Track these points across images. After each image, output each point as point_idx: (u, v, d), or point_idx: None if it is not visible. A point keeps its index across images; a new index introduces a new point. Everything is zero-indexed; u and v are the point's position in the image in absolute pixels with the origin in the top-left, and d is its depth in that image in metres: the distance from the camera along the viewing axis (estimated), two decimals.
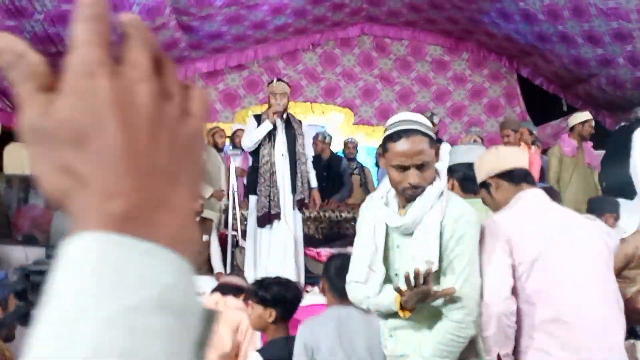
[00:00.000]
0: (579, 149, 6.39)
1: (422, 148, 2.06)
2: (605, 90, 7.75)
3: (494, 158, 2.44)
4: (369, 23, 9.24)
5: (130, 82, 0.40)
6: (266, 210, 5.06)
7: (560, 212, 2.36)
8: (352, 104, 9.24)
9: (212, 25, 7.12)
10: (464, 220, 2.07)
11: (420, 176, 2.06)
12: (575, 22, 6.87)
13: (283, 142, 5.17)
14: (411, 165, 2.05)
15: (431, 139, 2.10)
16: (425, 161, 2.07)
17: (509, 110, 9.44)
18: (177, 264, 0.38)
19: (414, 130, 2.08)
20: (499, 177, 2.39)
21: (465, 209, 2.12)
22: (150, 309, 0.35)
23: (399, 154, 2.06)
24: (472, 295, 2.05)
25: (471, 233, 2.09)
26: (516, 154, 2.45)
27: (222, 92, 8.86)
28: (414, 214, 2.07)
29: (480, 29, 8.49)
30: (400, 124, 2.12)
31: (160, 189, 0.39)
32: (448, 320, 2.03)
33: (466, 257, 2.04)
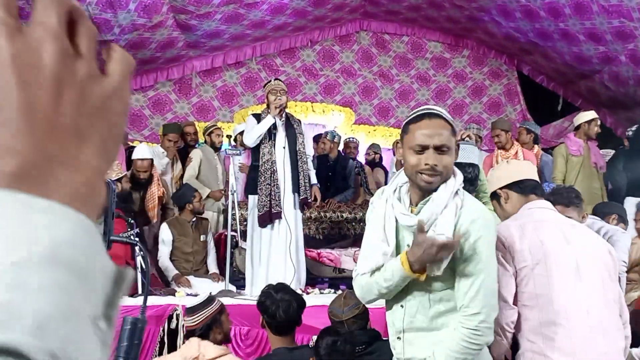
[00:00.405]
0: (584, 148, 6.35)
1: (442, 130, 1.99)
2: (607, 88, 7.71)
3: (505, 171, 2.48)
4: (368, 19, 9.18)
5: (35, 41, 0.40)
6: (267, 209, 5.02)
7: (564, 221, 2.39)
8: (351, 102, 9.19)
9: (211, 24, 7.06)
10: (481, 222, 1.99)
11: (439, 159, 1.97)
12: (576, 20, 6.82)
13: (283, 141, 5.13)
14: (431, 145, 1.96)
15: (453, 130, 2.03)
16: (445, 145, 1.98)
17: (509, 109, 9.40)
18: (75, 221, 0.37)
19: (437, 114, 2.04)
20: (508, 187, 2.43)
21: (482, 211, 2.05)
22: (40, 265, 0.34)
23: (420, 134, 1.99)
24: (488, 300, 1.97)
25: (488, 236, 2.00)
26: (526, 166, 2.50)
27: (219, 90, 8.80)
28: (427, 213, 1.98)
29: (481, 26, 8.43)
30: (423, 109, 2.09)
31: (62, 148, 0.39)
32: (463, 327, 1.95)
33: (482, 260, 1.96)
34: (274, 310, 2.87)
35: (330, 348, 2.59)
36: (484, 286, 1.95)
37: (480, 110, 9.36)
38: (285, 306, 2.88)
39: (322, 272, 5.61)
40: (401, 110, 9.34)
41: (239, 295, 4.88)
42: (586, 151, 6.36)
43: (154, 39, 6.85)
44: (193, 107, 8.69)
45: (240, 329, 4.31)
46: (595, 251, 2.29)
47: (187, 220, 5.45)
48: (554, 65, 8.28)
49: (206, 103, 8.75)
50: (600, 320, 2.18)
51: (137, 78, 8.20)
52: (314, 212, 6.01)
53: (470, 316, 1.94)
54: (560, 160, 6.39)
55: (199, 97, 8.73)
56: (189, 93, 8.68)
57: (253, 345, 4.25)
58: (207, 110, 8.73)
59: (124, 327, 1.18)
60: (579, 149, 6.34)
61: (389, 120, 9.27)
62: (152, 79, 8.30)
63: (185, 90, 8.66)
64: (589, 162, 6.35)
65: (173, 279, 5.22)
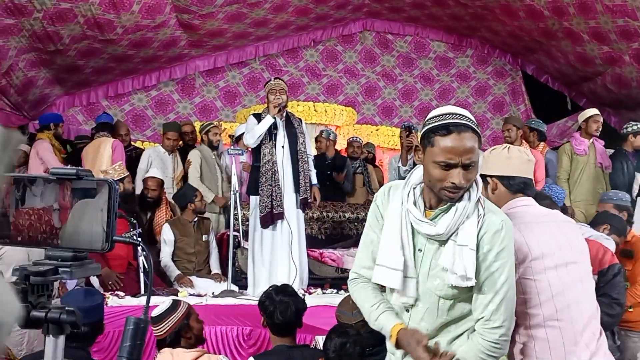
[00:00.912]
0: (590, 148, 6.32)
1: (472, 146, 1.84)
2: (611, 88, 7.68)
3: (501, 159, 2.37)
4: (371, 18, 9.17)
5: None
6: (269, 210, 5.00)
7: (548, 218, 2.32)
8: (354, 102, 9.18)
9: (213, 23, 7.06)
10: (504, 233, 1.90)
11: (465, 177, 1.85)
12: (581, 19, 6.80)
13: (284, 141, 5.11)
14: (459, 163, 1.83)
15: (479, 139, 1.89)
16: (474, 161, 1.85)
17: (514, 108, 9.38)
18: None
19: (465, 125, 1.86)
20: (499, 179, 2.34)
21: (504, 221, 1.94)
22: None
23: (447, 150, 1.83)
24: (510, 313, 1.92)
25: (510, 247, 1.92)
26: (523, 162, 2.36)
27: (222, 90, 8.80)
28: (449, 223, 1.88)
29: (485, 24, 8.42)
30: (449, 116, 1.89)
31: None
32: (483, 339, 1.89)
33: (506, 272, 1.89)
34: (272, 311, 2.86)
35: (339, 350, 2.56)
36: (507, 299, 1.90)
37: (485, 109, 9.34)
38: (282, 308, 2.87)
39: (325, 272, 5.59)
40: (404, 110, 9.33)
41: (241, 295, 4.86)
42: (592, 151, 6.33)
43: (156, 39, 6.85)
44: (196, 107, 8.69)
45: (243, 329, 4.30)
46: (578, 248, 2.28)
47: (188, 221, 5.43)
48: (557, 65, 8.26)
49: (209, 103, 8.75)
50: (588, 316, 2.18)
51: (139, 77, 8.20)
52: (316, 212, 5.99)
53: (492, 329, 1.89)
54: (565, 159, 6.36)
55: (201, 97, 8.73)
56: (191, 93, 8.68)
57: (255, 345, 4.24)
58: (210, 110, 8.72)
59: (127, 328, 1.17)
60: (584, 148, 6.31)
61: (392, 120, 9.25)
62: (155, 79, 8.31)
63: (188, 90, 8.66)
64: (594, 162, 6.32)
65: (175, 279, 5.21)
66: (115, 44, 6.55)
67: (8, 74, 6.06)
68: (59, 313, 1.10)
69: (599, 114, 6.40)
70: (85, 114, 8.07)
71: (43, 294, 1.11)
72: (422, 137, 1.94)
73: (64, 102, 7.83)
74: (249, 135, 5.11)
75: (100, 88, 8.05)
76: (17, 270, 1.11)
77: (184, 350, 2.78)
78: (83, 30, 6.00)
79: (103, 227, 1.12)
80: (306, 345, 3.55)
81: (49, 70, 6.69)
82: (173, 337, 2.87)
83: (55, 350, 1.12)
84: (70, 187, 1.14)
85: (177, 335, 2.88)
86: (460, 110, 1.94)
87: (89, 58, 6.76)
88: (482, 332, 1.90)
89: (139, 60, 7.46)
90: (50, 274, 1.11)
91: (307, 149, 5.26)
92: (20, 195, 1.16)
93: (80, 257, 1.14)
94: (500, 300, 1.89)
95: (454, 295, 1.94)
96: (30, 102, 6.99)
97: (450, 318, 1.98)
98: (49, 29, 5.75)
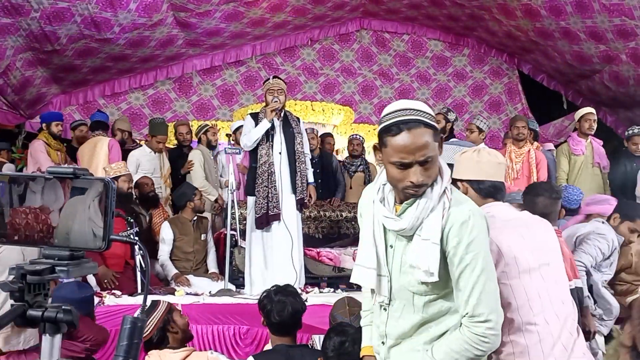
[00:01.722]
0: (588, 148, 6.35)
1: (425, 142, 1.76)
2: (608, 87, 7.69)
3: (471, 162, 2.32)
4: (368, 18, 9.17)
5: None
6: (264, 211, 4.99)
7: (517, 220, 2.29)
8: (351, 101, 9.18)
9: (210, 22, 7.05)
10: (472, 224, 1.81)
11: (424, 174, 1.79)
12: (577, 18, 6.81)
13: (281, 142, 5.09)
14: (414, 161, 1.78)
15: (435, 131, 1.80)
16: (429, 156, 1.78)
17: (510, 107, 9.39)
18: None
19: (416, 120, 1.78)
20: (469, 183, 2.31)
21: (472, 211, 1.84)
22: None
23: (399, 150, 1.77)
24: (494, 305, 1.83)
25: (481, 237, 1.83)
26: (493, 166, 2.30)
27: (219, 89, 8.79)
28: (412, 217, 1.83)
29: (482, 24, 8.42)
30: (399, 113, 1.80)
31: None
32: (469, 331, 1.82)
33: (480, 263, 1.80)
34: (269, 310, 2.86)
35: (338, 348, 2.55)
36: (487, 291, 1.82)
37: (481, 109, 9.34)
38: (279, 308, 2.86)
39: (322, 271, 5.60)
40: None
41: (238, 294, 4.86)
42: (589, 151, 6.35)
43: (153, 37, 6.84)
44: (193, 106, 8.68)
45: (240, 328, 4.30)
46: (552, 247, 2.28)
47: (188, 219, 5.43)
48: (554, 64, 8.27)
49: (206, 102, 8.74)
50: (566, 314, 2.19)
51: (137, 76, 8.19)
52: (313, 211, 6.00)
53: (478, 323, 1.81)
54: (563, 159, 6.39)
55: (198, 95, 8.72)
56: (188, 92, 8.67)
57: (252, 344, 4.24)
58: (207, 109, 8.72)
59: (124, 326, 1.17)
60: (581, 148, 6.33)
61: None
62: (152, 77, 8.29)
63: (185, 88, 8.65)
64: (592, 161, 6.34)
65: (172, 278, 5.20)
66: (112, 43, 6.54)
67: (5, 73, 6.05)
68: (55, 312, 1.10)
69: (591, 112, 6.42)
70: (82, 113, 8.05)
71: (40, 293, 1.11)
72: (378, 138, 1.90)
73: (61, 101, 7.81)
74: (245, 137, 5.09)
75: (97, 87, 8.04)
76: (14, 269, 1.10)
77: (172, 351, 2.77)
78: (80, 29, 5.99)
79: (100, 226, 1.12)
80: (305, 345, 3.55)
81: (46, 70, 6.68)
82: (159, 334, 2.87)
83: (52, 348, 1.12)
84: (68, 186, 1.14)
85: (163, 332, 2.88)
86: (411, 104, 1.85)
87: (86, 57, 6.74)
88: (469, 324, 1.82)
89: (136, 59, 7.45)
90: (46, 273, 1.11)
91: (305, 148, 5.25)
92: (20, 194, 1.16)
93: (77, 256, 1.14)
94: (480, 293, 1.80)
95: (427, 291, 1.88)
96: (27, 101, 6.98)
97: (427, 315, 1.91)
98: (46, 28, 5.74)
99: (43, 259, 1.13)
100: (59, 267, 1.11)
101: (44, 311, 1.10)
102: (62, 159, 6.20)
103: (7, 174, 1.18)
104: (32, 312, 1.09)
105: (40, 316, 1.10)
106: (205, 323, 4.33)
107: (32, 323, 1.10)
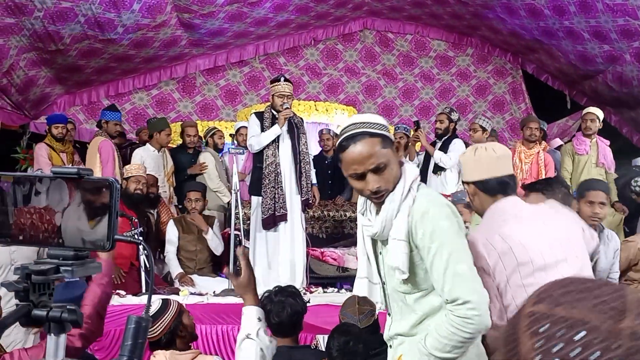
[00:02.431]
0: (593, 147, 6.34)
1: (372, 151, 1.88)
2: (611, 87, 7.67)
3: (471, 163, 2.30)
4: (372, 17, 9.17)
5: None
6: (271, 212, 5.00)
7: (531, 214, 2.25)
8: (355, 101, 9.18)
9: (214, 22, 7.05)
10: (431, 215, 1.88)
11: (379, 180, 1.89)
12: (581, 18, 6.79)
13: (287, 143, 5.11)
14: (366, 171, 1.89)
15: (384, 138, 1.91)
16: (380, 163, 1.88)
17: (514, 107, 9.38)
18: None
19: (361, 133, 1.90)
20: (474, 184, 2.29)
21: (431, 202, 1.92)
22: None
23: (350, 162, 1.90)
24: (472, 286, 1.85)
25: (442, 226, 1.88)
26: (492, 161, 2.26)
27: (223, 89, 8.80)
28: (380, 221, 1.94)
29: (485, 23, 8.41)
30: (346, 129, 1.94)
31: None
32: (453, 314, 1.84)
33: (445, 251, 1.85)
34: (269, 310, 2.85)
35: (343, 348, 2.55)
36: (458, 273, 1.85)
37: (485, 108, 9.33)
38: (278, 309, 2.84)
39: (325, 271, 5.60)
40: (405, 108, 9.33)
41: None
42: (594, 150, 6.34)
43: (157, 38, 6.85)
44: (196, 106, 8.69)
45: None
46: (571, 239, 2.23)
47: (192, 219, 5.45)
48: (558, 64, 8.25)
49: (209, 102, 8.75)
50: None
51: (140, 77, 8.20)
52: (317, 211, 6.00)
53: (458, 306, 1.83)
54: (567, 158, 6.43)
55: (202, 95, 8.73)
56: (192, 92, 8.68)
57: None
58: (211, 109, 8.73)
59: (128, 326, 1.17)
60: (584, 148, 6.33)
61: (392, 119, 9.25)
62: (156, 78, 8.31)
63: (189, 89, 8.66)
64: (596, 161, 6.33)
65: (176, 278, 5.21)
66: (116, 43, 6.55)
67: (9, 73, 6.06)
68: (60, 312, 1.10)
69: (591, 113, 6.42)
70: (86, 113, 8.08)
71: (44, 293, 1.12)
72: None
73: (65, 101, 7.83)
74: (254, 140, 5.10)
75: (101, 87, 8.05)
76: (19, 269, 1.11)
77: (178, 352, 2.76)
78: (84, 29, 6.00)
79: (105, 226, 1.13)
80: (308, 346, 3.54)
81: (50, 70, 6.70)
82: (168, 337, 2.85)
83: (57, 348, 1.13)
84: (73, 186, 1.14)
85: (172, 335, 2.86)
86: (358, 117, 1.99)
87: (90, 58, 6.76)
88: (451, 309, 1.85)
89: (140, 60, 7.46)
90: (51, 273, 1.11)
91: (308, 148, 5.28)
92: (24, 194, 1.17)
93: (82, 255, 1.14)
94: (453, 277, 1.84)
95: (412, 289, 1.95)
96: (31, 101, 6.99)
97: (422, 313, 1.97)
98: (50, 28, 5.76)
99: (48, 259, 1.14)
100: (63, 267, 1.12)
101: (49, 311, 1.10)
102: (69, 161, 6.21)
103: (12, 175, 1.19)
104: (37, 311, 1.10)
105: (45, 316, 1.10)
106: (209, 323, 4.33)
107: (37, 323, 1.10)
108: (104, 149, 5.96)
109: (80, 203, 1.14)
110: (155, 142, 6.23)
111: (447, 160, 5.90)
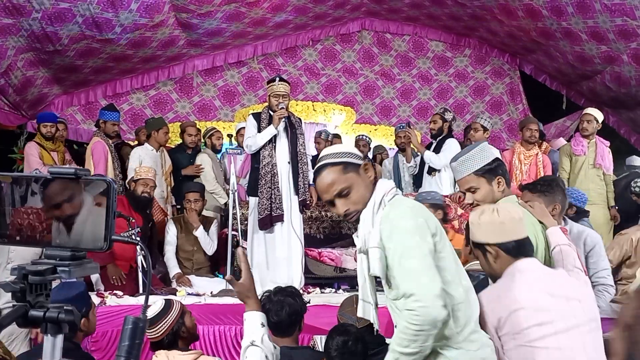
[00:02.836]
0: (590, 149, 6.36)
1: (331, 180, 2.11)
2: (609, 88, 7.67)
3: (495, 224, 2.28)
4: (370, 18, 9.17)
5: None
6: (268, 212, 5.00)
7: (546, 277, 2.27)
8: (353, 101, 9.18)
9: (212, 22, 7.05)
10: (391, 217, 2.04)
11: (346, 203, 2.12)
12: (579, 19, 6.79)
13: (285, 143, 5.11)
14: (332, 198, 2.13)
15: (346, 165, 2.13)
16: (343, 189, 2.11)
17: (512, 108, 9.38)
18: None
19: (323, 165, 2.14)
20: (498, 246, 2.27)
21: (394, 206, 2.08)
22: None
23: (320, 193, 2.18)
24: (417, 280, 1.91)
25: (399, 225, 2.00)
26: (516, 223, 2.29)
27: (221, 89, 8.80)
28: (361, 236, 2.11)
29: (483, 24, 8.41)
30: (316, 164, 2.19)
31: None
32: (405, 309, 1.92)
33: (398, 249, 1.97)
34: (268, 310, 2.85)
35: (341, 348, 2.55)
36: (406, 268, 1.94)
37: (482, 109, 9.33)
38: (277, 308, 2.85)
39: (323, 272, 5.59)
40: (403, 109, 9.34)
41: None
42: (591, 151, 6.36)
43: (155, 38, 6.84)
44: (194, 107, 8.68)
45: (241, 328, 4.29)
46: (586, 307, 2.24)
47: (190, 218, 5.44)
48: (556, 64, 8.25)
49: (207, 102, 8.74)
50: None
51: (138, 77, 8.19)
52: (314, 212, 6.00)
53: (406, 300, 1.92)
54: (565, 159, 6.46)
55: (200, 96, 8.72)
56: (190, 92, 8.67)
57: None
58: (209, 110, 8.72)
59: (125, 327, 1.17)
60: (582, 148, 6.35)
61: (390, 120, 9.26)
62: (154, 78, 8.29)
63: (187, 89, 8.65)
64: (593, 162, 6.34)
65: (174, 278, 5.21)
66: (114, 43, 6.54)
67: (6, 74, 6.05)
68: (57, 312, 1.10)
69: (588, 114, 6.46)
70: (84, 114, 8.06)
71: (41, 294, 1.11)
72: None
73: (63, 102, 7.82)
74: (250, 140, 5.10)
75: (99, 87, 8.04)
76: (15, 269, 1.11)
77: (180, 353, 2.76)
78: (81, 30, 5.99)
79: (102, 226, 1.13)
80: (307, 347, 3.54)
81: (48, 70, 6.68)
82: (171, 337, 2.84)
83: (54, 349, 1.13)
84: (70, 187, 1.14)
85: (175, 336, 2.86)
86: (324, 151, 2.23)
87: (88, 58, 6.74)
88: (402, 303, 1.95)
89: (138, 60, 7.45)
90: (48, 273, 1.11)
91: (306, 149, 5.28)
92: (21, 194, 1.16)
93: (79, 256, 1.14)
94: (402, 273, 1.96)
95: (398, 294, 2.00)
96: (29, 102, 6.98)
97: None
98: (48, 29, 5.74)
99: (45, 259, 1.13)
100: (60, 268, 1.11)
101: (46, 311, 1.10)
102: (60, 160, 6.20)
103: (10, 175, 1.18)
104: (33, 312, 1.10)
105: (42, 316, 1.10)
106: (207, 323, 4.33)
107: (34, 323, 1.10)
108: (95, 150, 5.97)
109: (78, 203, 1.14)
110: (153, 141, 6.22)
111: (436, 160, 5.92)
